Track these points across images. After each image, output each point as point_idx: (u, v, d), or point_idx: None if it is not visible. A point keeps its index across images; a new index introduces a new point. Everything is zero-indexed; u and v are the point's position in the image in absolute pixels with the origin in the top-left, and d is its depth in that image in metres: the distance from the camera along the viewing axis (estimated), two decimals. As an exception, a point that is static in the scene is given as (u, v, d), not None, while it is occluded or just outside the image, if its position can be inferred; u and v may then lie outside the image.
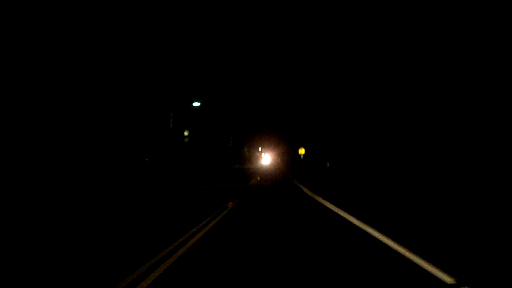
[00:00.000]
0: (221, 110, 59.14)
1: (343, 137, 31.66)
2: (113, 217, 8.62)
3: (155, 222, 7.91)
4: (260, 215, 8.96)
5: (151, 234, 6.45)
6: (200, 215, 8.39)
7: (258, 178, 27.58)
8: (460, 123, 16.59)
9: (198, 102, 27.13)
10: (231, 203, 11.24)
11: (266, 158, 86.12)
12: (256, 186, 19.69)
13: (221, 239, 6.10)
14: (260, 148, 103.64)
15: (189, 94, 36.36)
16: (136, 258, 4.63)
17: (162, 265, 4.38)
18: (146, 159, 35.64)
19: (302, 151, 48.79)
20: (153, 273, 4.10)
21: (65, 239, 6.04)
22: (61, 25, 18.84)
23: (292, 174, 29.96)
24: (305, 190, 16.19)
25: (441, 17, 17.76)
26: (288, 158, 74.12)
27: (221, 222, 7.65)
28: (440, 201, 10.97)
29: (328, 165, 32.87)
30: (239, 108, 74.36)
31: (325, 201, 11.53)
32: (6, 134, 16.12)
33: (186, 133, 42.43)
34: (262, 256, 4.89)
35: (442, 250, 5.08)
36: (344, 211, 9.02)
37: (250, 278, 4.01)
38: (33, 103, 17.75)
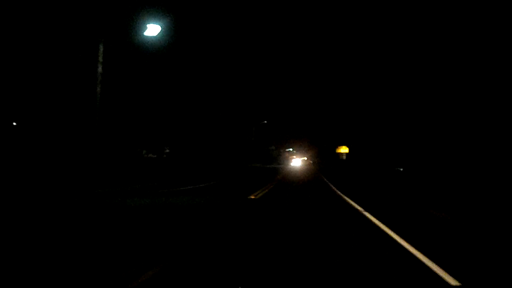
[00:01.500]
0: (243, 97, 48.08)
1: (425, 130, 20.23)
2: None
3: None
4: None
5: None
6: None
7: (284, 185, 16.41)
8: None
9: (154, 24, 13.99)
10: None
11: (297, 160, 75.24)
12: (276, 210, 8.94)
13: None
14: (291, 149, 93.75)
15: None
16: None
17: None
18: (139, 150, 30.10)
19: (343, 149, 36.80)
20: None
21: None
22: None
23: (338, 184, 18.17)
24: (388, 232, 5.94)
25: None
26: (321, 161, 62.48)
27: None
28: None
29: (401, 171, 21.46)
30: (267, 98, 63.30)
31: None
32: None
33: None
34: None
35: None
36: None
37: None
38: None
